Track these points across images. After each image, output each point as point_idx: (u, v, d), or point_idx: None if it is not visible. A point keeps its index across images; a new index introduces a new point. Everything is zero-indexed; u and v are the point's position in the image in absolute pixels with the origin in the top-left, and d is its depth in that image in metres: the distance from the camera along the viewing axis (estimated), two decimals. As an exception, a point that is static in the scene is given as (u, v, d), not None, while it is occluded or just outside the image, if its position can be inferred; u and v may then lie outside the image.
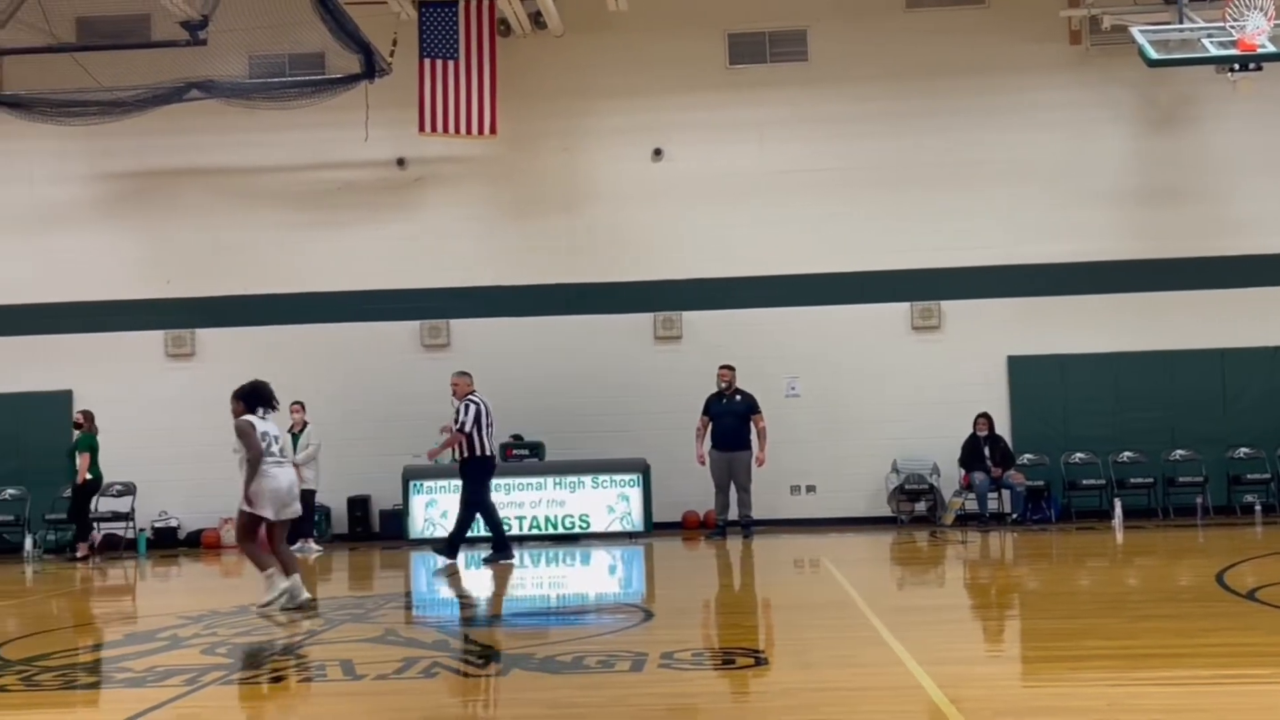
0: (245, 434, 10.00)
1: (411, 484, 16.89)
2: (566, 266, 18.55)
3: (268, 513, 9.94)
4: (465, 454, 13.87)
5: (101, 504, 17.53)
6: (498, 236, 18.68)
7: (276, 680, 6.98)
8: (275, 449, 10.11)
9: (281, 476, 10.07)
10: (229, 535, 17.63)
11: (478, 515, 14.08)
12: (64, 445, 16.94)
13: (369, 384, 18.28)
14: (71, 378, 18.35)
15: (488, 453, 13.95)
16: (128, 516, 17.69)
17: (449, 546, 14.02)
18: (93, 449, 16.60)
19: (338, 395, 17.99)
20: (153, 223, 18.75)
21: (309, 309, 18.42)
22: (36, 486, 17.56)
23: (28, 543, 17.40)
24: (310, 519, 16.81)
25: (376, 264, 18.51)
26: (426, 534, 16.65)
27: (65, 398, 18.02)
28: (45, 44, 16.73)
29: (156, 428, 18.05)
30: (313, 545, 16.46)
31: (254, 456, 9.83)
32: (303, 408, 16.82)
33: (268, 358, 18.20)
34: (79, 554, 16.52)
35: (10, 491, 17.82)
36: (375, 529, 17.99)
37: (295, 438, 16.71)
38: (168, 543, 17.92)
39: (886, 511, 18.06)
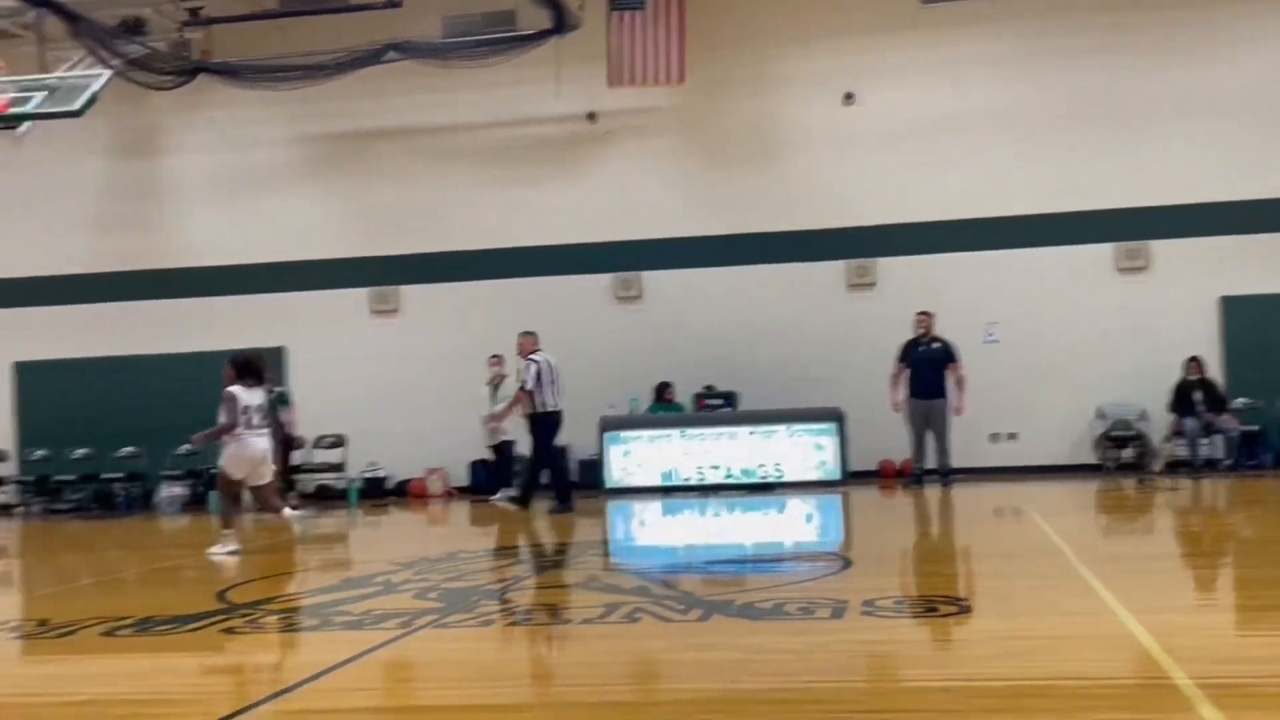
0: (227, 402, 11.25)
1: (607, 435, 17.12)
2: (757, 215, 18.47)
3: (238, 474, 11.36)
4: (531, 410, 14.64)
5: (315, 456, 18.26)
6: (688, 186, 18.70)
7: (486, 624, 7.18)
8: (255, 419, 11.29)
9: (256, 445, 11.36)
10: (435, 485, 18.22)
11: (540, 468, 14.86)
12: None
13: (564, 337, 18.49)
14: (284, 335, 19.08)
15: (551, 408, 14.66)
16: (339, 468, 18.38)
17: (522, 498, 14.99)
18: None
19: (548, 348, 18.25)
20: (354, 183, 19.32)
21: (504, 264, 18.77)
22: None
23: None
24: (510, 469, 17.21)
25: (569, 218, 18.74)
26: (623, 484, 16.89)
27: (278, 354, 18.75)
28: (251, 11, 17.38)
29: (364, 382, 18.68)
30: (515, 495, 16.82)
31: (228, 424, 11.14)
32: (501, 360, 17.20)
33: (466, 312, 18.69)
34: (293, 505, 17.26)
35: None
36: (573, 478, 18.27)
37: (494, 390, 17.10)
38: (377, 493, 18.56)
39: (1091, 459, 17.60)
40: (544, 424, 14.68)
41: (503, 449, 17.16)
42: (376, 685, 5.86)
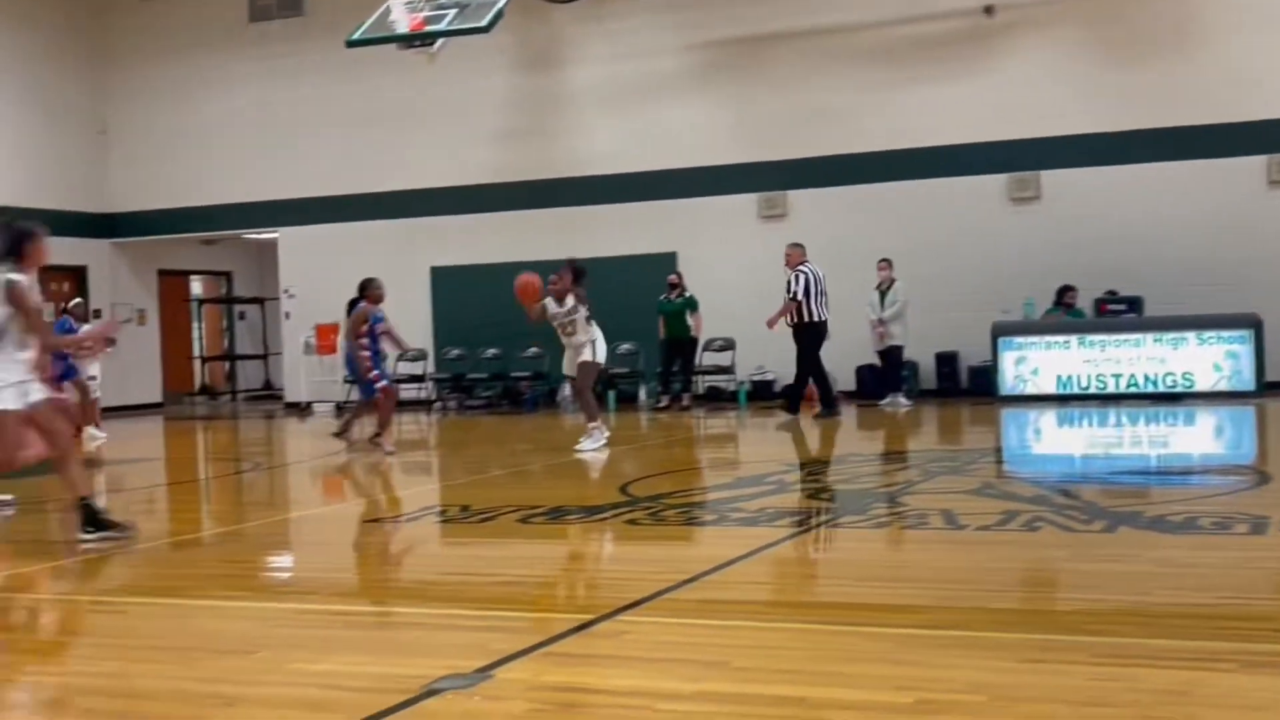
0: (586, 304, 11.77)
1: (1000, 340, 16.64)
2: (1167, 108, 17.28)
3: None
4: (797, 320, 15.06)
5: (705, 359, 18.69)
6: (1092, 80, 17.71)
7: (880, 526, 7.19)
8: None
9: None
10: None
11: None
12: (668, 306, 18.10)
13: (956, 240, 18.08)
14: (675, 241, 19.51)
15: (817, 319, 15.12)
16: (729, 370, 18.73)
17: (790, 404, 15.52)
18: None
19: (924, 252, 17.92)
20: (744, 89, 19.40)
21: (895, 166, 18.42)
22: (648, 341, 18.92)
23: (641, 393, 18.98)
24: (899, 374, 17.05)
25: (962, 117, 18.14)
26: (1016, 391, 16.41)
27: (670, 259, 19.20)
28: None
29: (753, 286, 18.88)
30: (902, 400, 16.70)
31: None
32: (889, 264, 16.99)
33: (855, 216, 18.51)
34: (684, 404, 17.83)
35: (625, 346, 19.33)
36: (963, 385, 17.94)
37: (883, 295, 16.94)
38: (766, 395, 18.81)
39: None
40: (810, 334, 15.15)
41: (890, 353, 17.00)
42: (773, 580, 5.99)
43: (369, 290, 12.61)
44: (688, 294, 18.09)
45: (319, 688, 4.34)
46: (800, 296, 15.03)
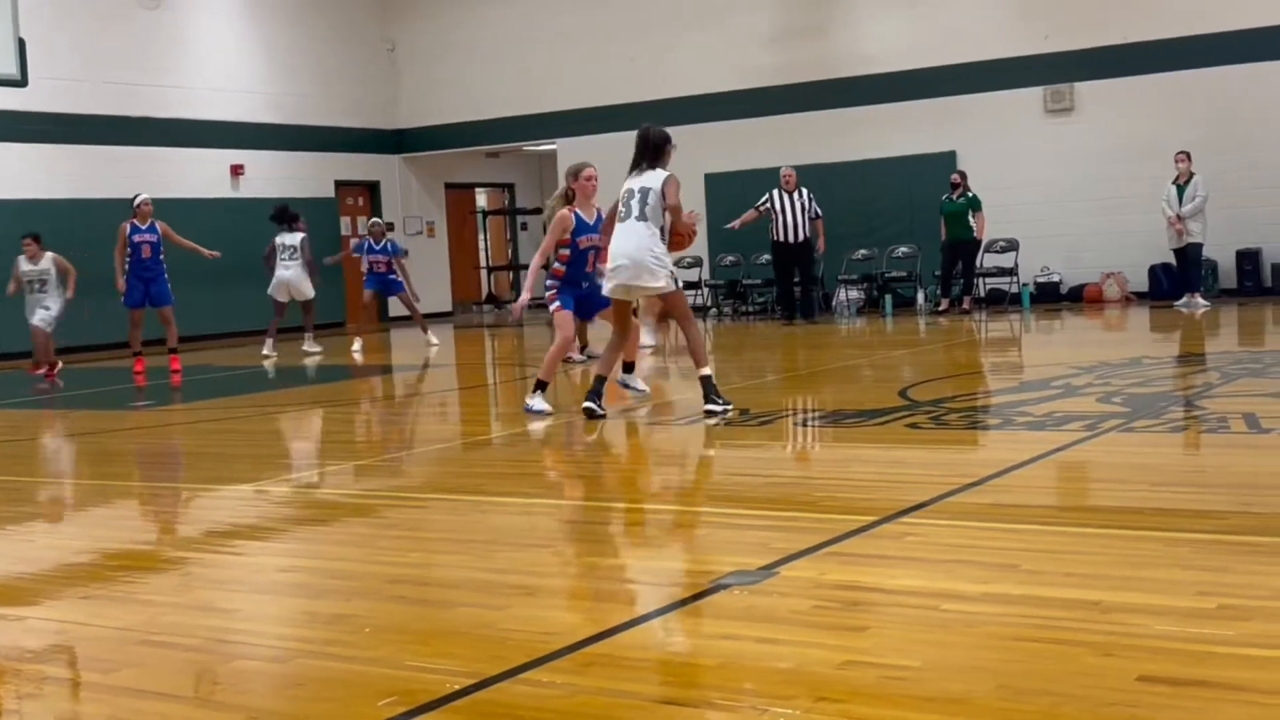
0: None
1: (1310, 235, 15.61)
2: None
3: None
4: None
5: (986, 260, 18.20)
6: None
7: (1176, 430, 6.90)
8: None
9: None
10: (1112, 290, 17.60)
11: None
12: (951, 206, 17.65)
13: (1257, 130, 16.94)
14: (954, 139, 18.97)
15: (779, 239, 16.66)
16: (1011, 272, 18.19)
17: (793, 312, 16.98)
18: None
19: (1225, 143, 16.89)
20: (1027, -24, 18.58)
21: (1187, 53, 17.32)
22: (926, 243, 18.54)
23: (919, 296, 18.65)
24: (1198, 273, 16.24)
25: (1268, -2, 16.90)
26: (1327, 289, 15.38)
27: (949, 159, 18.70)
28: None
29: (1037, 184, 18.23)
30: (1200, 300, 15.90)
31: None
32: (1188, 157, 16.12)
33: (1149, 108, 17.57)
34: (964, 307, 17.45)
35: (903, 249, 19.01)
36: (1266, 284, 16.92)
37: (1180, 189, 16.10)
38: (1050, 297, 18.22)
39: None
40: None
41: (1188, 251, 16.17)
42: (1062, 485, 5.84)
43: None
44: (970, 194, 17.58)
45: (613, 581, 4.50)
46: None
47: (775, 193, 17.61)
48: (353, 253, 17.43)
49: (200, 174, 20.50)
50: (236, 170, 21.13)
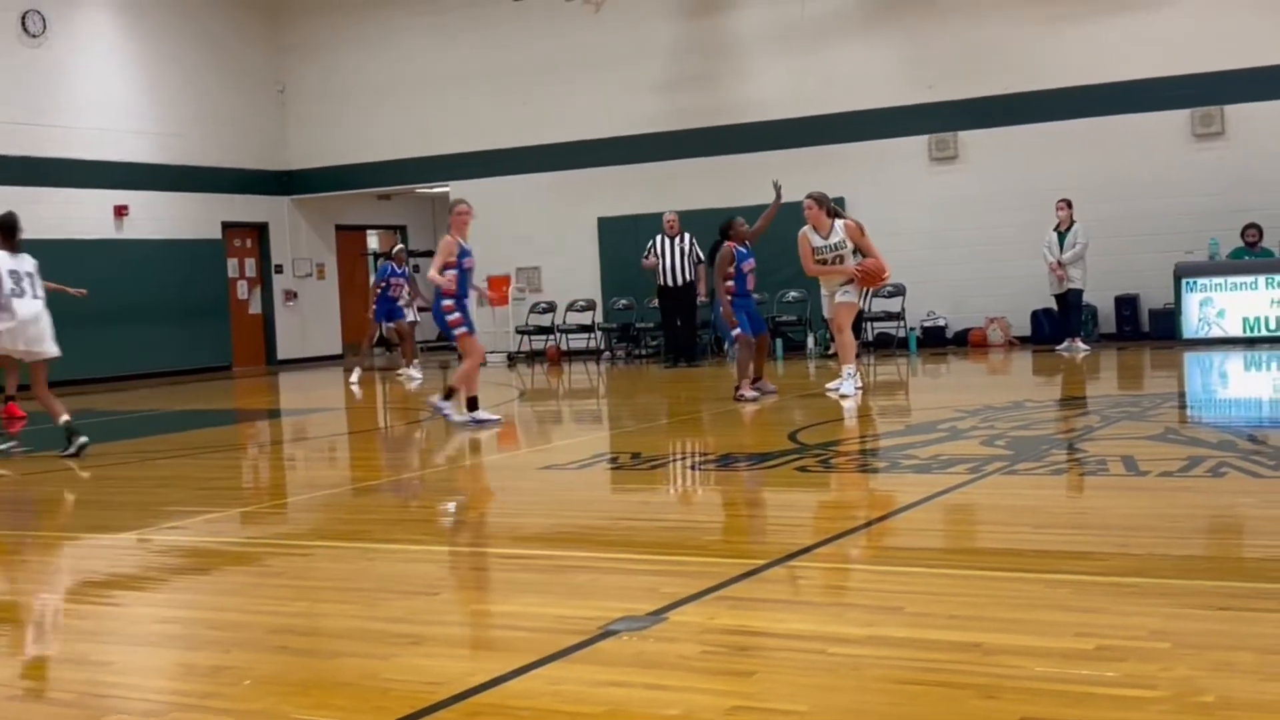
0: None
1: (1184, 282, 16.09)
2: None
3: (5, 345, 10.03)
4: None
5: (873, 304, 18.46)
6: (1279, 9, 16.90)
7: (1057, 472, 7.04)
8: (25, 285, 9.95)
9: (23, 309, 9.90)
10: (995, 334, 17.95)
11: None
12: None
13: (1136, 179, 17.47)
14: (842, 185, 19.23)
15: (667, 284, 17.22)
16: (898, 316, 18.48)
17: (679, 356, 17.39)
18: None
19: (1103, 192, 17.39)
20: (913, 26, 18.99)
21: (1068, 104, 17.85)
22: (815, 289, 18.72)
23: (809, 340, 18.85)
24: (1078, 318, 16.63)
25: (1139, 51, 17.47)
26: (1200, 334, 15.87)
27: (839, 205, 18.92)
28: None
29: (922, 230, 18.56)
30: (1080, 344, 16.29)
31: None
32: (1068, 205, 16.53)
33: (1030, 156, 18.03)
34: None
35: (793, 294, 19.20)
36: (1144, 328, 17.41)
37: (1062, 236, 16.50)
38: (936, 341, 18.53)
39: None
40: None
41: (1069, 296, 16.57)
42: (947, 527, 5.93)
43: (732, 230, 12.19)
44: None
45: (500, 628, 4.46)
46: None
47: (659, 238, 17.76)
48: (378, 280, 17.92)
49: (82, 215, 20.04)
50: (120, 211, 20.72)
